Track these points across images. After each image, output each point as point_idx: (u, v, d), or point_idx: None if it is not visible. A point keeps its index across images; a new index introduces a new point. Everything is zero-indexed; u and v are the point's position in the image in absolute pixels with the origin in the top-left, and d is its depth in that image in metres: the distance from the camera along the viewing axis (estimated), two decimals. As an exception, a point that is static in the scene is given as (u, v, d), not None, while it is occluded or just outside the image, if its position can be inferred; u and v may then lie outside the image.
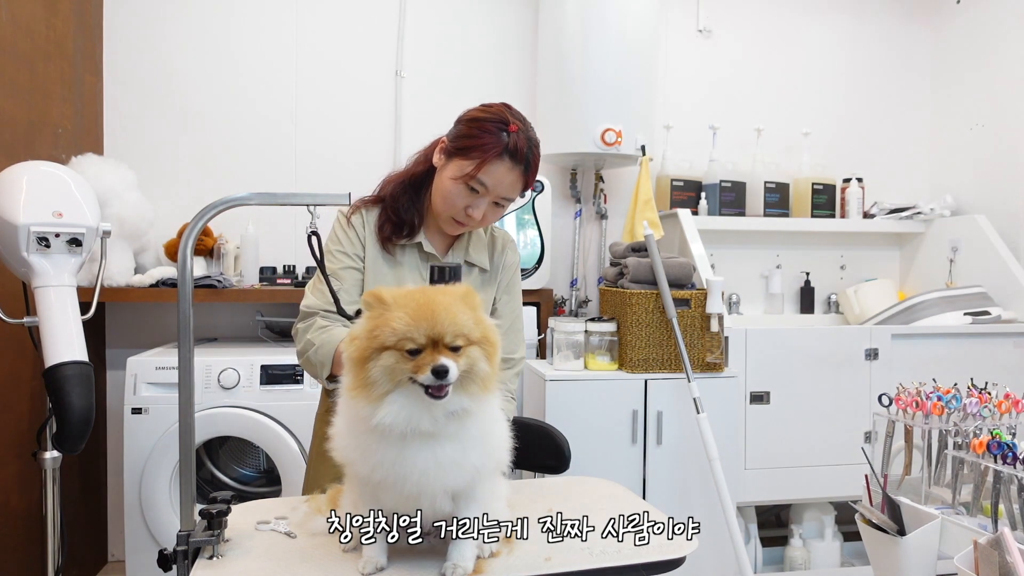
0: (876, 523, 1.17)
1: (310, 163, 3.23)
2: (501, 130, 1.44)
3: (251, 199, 1.21)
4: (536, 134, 1.52)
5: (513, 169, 1.45)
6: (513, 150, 1.43)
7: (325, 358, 1.42)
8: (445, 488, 1.05)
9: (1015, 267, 3.08)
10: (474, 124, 1.47)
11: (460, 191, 1.46)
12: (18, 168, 2.02)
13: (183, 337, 1.16)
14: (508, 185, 1.46)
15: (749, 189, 3.35)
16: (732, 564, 2.43)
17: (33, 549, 2.40)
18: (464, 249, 1.61)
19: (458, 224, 1.52)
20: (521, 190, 1.50)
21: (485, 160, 1.43)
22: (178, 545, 1.14)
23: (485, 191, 1.46)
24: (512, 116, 1.48)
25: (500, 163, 1.44)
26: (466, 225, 1.52)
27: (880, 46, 3.73)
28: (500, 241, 1.67)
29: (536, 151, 1.49)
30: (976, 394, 1.34)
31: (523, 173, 1.47)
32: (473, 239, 1.62)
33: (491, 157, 1.42)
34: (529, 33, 3.38)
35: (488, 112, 1.48)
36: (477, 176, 1.44)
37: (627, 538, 1.17)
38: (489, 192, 1.46)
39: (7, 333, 2.29)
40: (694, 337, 2.60)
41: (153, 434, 2.44)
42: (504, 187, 1.46)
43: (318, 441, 1.62)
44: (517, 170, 1.46)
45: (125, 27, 3.08)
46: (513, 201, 1.52)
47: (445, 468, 1.02)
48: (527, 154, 1.46)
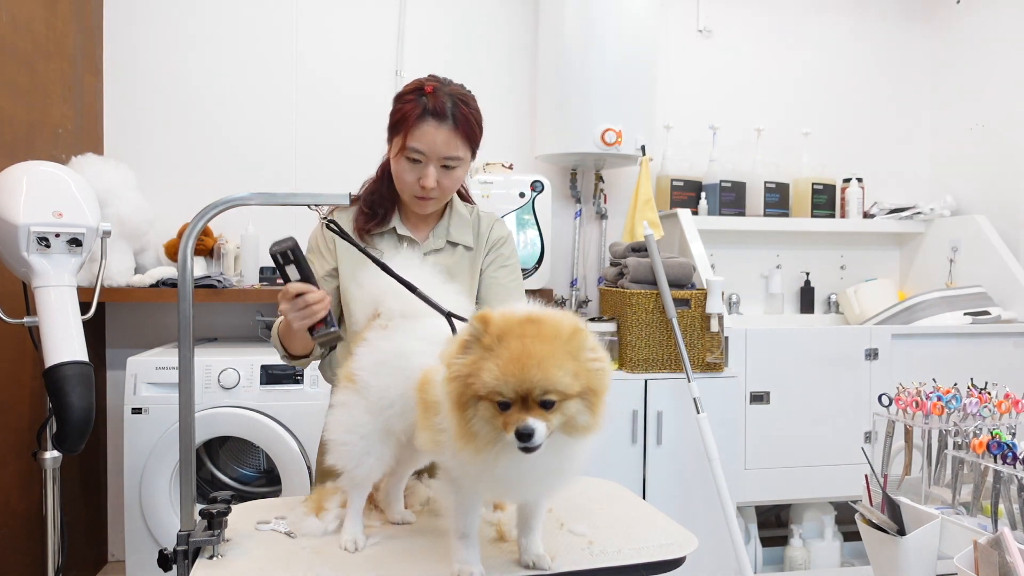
0: (876, 523, 1.17)
1: (310, 163, 3.23)
2: (419, 95, 1.46)
3: (251, 199, 1.21)
4: (468, 91, 1.54)
5: (440, 127, 1.45)
6: (433, 109, 1.44)
7: (275, 342, 1.54)
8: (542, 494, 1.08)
9: (1015, 267, 3.08)
10: (396, 100, 1.51)
11: (404, 166, 1.48)
12: (18, 168, 2.03)
13: (183, 337, 1.16)
14: (442, 143, 1.46)
15: (749, 189, 3.35)
16: (732, 564, 2.43)
17: (33, 549, 2.40)
18: (445, 228, 1.61)
19: (421, 200, 1.52)
20: (465, 147, 1.50)
21: (409, 127, 1.45)
22: (178, 545, 1.14)
23: (424, 157, 1.46)
24: (429, 80, 1.51)
25: (424, 124, 1.45)
26: (428, 198, 1.52)
27: (880, 46, 3.73)
28: (486, 221, 1.67)
29: (465, 105, 1.49)
30: (976, 394, 1.34)
31: (453, 129, 1.46)
32: (454, 219, 1.62)
33: (413, 122, 1.45)
34: (529, 33, 3.38)
35: (407, 86, 1.51)
36: (408, 145, 1.46)
37: (627, 538, 1.17)
38: (429, 157, 1.46)
39: (7, 333, 2.29)
40: (694, 337, 2.60)
41: (153, 434, 2.44)
42: (439, 146, 1.46)
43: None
44: (445, 126, 1.45)
45: (125, 27, 3.09)
46: (461, 161, 1.50)
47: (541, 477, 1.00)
48: (450, 109, 1.46)
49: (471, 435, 0.94)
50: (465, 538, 1.08)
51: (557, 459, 0.97)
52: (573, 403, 0.93)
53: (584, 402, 0.94)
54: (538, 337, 0.93)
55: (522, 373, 0.90)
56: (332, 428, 1.22)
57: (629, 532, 1.26)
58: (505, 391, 0.91)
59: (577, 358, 0.93)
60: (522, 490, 1.04)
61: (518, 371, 0.90)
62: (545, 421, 0.90)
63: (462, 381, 0.94)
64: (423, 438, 1.07)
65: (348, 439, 1.19)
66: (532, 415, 0.90)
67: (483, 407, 0.93)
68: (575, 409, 0.93)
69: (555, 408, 0.92)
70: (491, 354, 0.92)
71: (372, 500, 1.36)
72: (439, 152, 1.46)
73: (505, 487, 1.03)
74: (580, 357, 0.94)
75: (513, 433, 0.89)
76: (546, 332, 0.94)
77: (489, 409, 0.92)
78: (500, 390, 0.91)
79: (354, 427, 1.19)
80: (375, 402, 1.18)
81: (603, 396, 0.95)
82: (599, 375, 0.95)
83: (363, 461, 1.18)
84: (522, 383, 0.90)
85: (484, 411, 0.93)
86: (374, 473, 1.21)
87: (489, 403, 0.92)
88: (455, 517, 1.08)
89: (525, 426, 0.89)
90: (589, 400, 0.94)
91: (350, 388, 1.22)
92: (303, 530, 1.24)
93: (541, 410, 0.91)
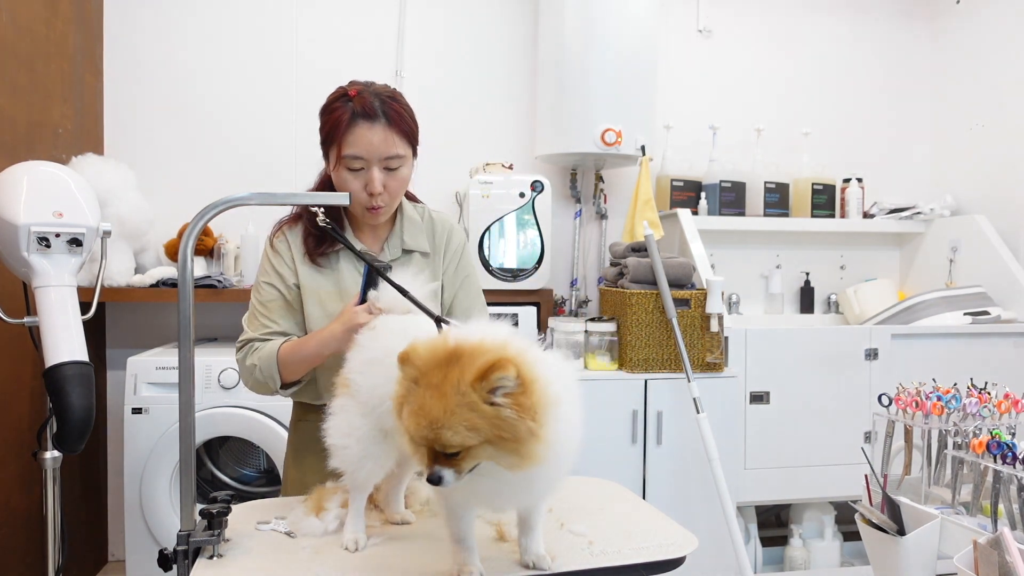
0: (876, 523, 1.17)
1: (310, 163, 3.19)
2: (345, 102, 1.44)
3: (251, 199, 1.21)
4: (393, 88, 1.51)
5: (373, 127, 1.42)
6: (362, 111, 1.42)
7: (271, 371, 1.45)
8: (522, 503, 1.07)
9: (1015, 267, 3.08)
10: (323, 112, 1.48)
11: (347, 176, 1.45)
12: (18, 168, 2.03)
13: (183, 337, 1.16)
14: (379, 143, 1.43)
15: (749, 189, 3.35)
16: (732, 564, 2.43)
17: (33, 549, 2.40)
18: (399, 237, 1.57)
19: (372, 210, 1.48)
20: (404, 144, 1.47)
21: (341, 134, 1.43)
22: (178, 545, 1.14)
23: (364, 162, 1.43)
24: (352, 84, 1.49)
25: (356, 128, 1.42)
26: (379, 207, 1.47)
27: (880, 46, 3.73)
28: (440, 225, 1.63)
29: (394, 101, 1.46)
30: (976, 394, 1.34)
31: (387, 126, 1.43)
32: (407, 225, 1.58)
33: (344, 128, 1.42)
34: (529, 33, 3.38)
35: (331, 95, 1.49)
36: (345, 153, 1.43)
37: (627, 538, 1.17)
38: (369, 160, 1.43)
39: (7, 333, 2.29)
40: (694, 337, 2.60)
41: (153, 434, 2.44)
42: (376, 147, 1.43)
43: (292, 449, 1.63)
44: (379, 125, 1.43)
45: (125, 27, 3.09)
46: (403, 159, 1.47)
47: (518, 490, 1.00)
48: (379, 107, 1.43)
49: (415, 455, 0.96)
50: (462, 542, 1.08)
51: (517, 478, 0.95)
52: (483, 449, 0.90)
53: (498, 448, 0.90)
54: (440, 387, 0.91)
55: (420, 431, 0.91)
56: (331, 433, 1.21)
57: (629, 532, 1.26)
58: (417, 439, 0.92)
59: (476, 409, 0.89)
60: (499, 503, 1.05)
61: (416, 428, 0.91)
62: (452, 468, 0.91)
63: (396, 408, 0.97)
64: (400, 441, 1.08)
65: (346, 443, 1.19)
66: (439, 464, 0.91)
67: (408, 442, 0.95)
68: (488, 454, 0.91)
69: (461, 457, 0.91)
70: (410, 395, 0.94)
71: (372, 500, 1.36)
72: (378, 153, 1.43)
73: (476, 500, 1.04)
74: (479, 409, 0.89)
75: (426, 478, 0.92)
76: (451, 379, 0.90)
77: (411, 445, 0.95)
78: (414, 436, 0.92)
79: (351, 431, 1.19)
80: (366, 402, 1.18)
81: (524, 440, 0.90)
82: (507, 424, 0.89)
83: (362, 464, 1.18)
84: (423, 438, 0.91)
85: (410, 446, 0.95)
86: (374, 475, 1.21)
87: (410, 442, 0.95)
88: (448, 522, 1.09)
89: (432, 474, 0.91)
90: (505, 446, 0.90)
91: (344, 393, 1.22)
92: (303, 530, 1.24)
93: (447, 460, 0.91)
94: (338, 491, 1.33)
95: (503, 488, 0.99)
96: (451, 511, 1.08)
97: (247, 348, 1.51)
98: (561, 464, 1.00)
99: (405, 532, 1.28)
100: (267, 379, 1.46)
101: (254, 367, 1.47)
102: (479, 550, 1.10)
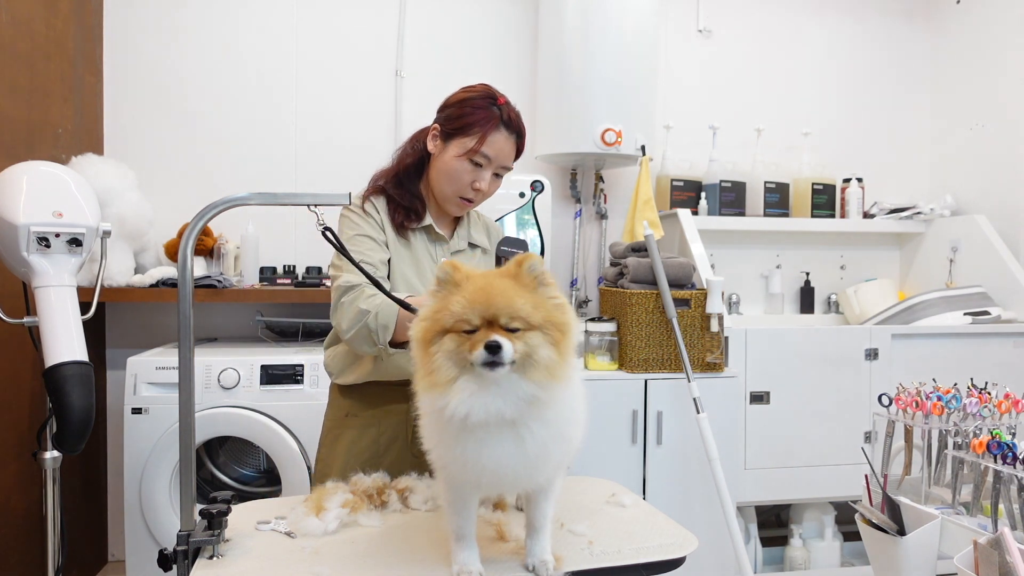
0: (876, 523, 1.17)
1: (310, 163, 3.23)
2: (492, 104, 1.55)
3: (251, 199, 1.21)
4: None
5: (509, 138, 1.56)
6: (508, 120, 1.55)
7: (388, 320, 1.38)
8: (527, 482, 1.06)
9: (1015, 267, 3.08)
10: (466, 104, 1.56)
11: (465, 167, 1.54)
12: (18, 168, 2.03)
13: (183, 337, 1.16)
14: (507, 154, 1.57)
15: (749, 189, 3.35)
16: (732, 564, 2.43)
17: (33, 549, 2.40)
18: (467, 230, 1.68)
19: (464, 202, 1.59)
20: (514, 158, 1.62)
21: (486, 132, 1.52)
22: (178, 545, 1.14)
23: (488, 163, 1.55)
24: (493, 90, 1.60)
25: (499, 133, 1.54)
26: (472, 201, 1.59)
27: (880, 46, 3.73)
28: (493, 227, 1.77)
29: (522, 121, 1.61)
30: (976, 394, 1.34)
31: (516, 141, 1.58)
32: (472, 221, 1.71)
33: (491, 129, 1.53)
34: (529, 33, 3.38)
35: (473, 91, 1.58)
36: (480, 150, 1.52)
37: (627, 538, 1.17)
38: (491, 163, 1.55)
39: (7, 333, 2.29)
40: (694, 337, 2.60)
41: (153, 434, 2.44)
42: (504, 156, 1.56)
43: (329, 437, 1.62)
44: (512, 138, 1.57)
45: (125, 27, 3.09)
46: (510, 170, 1.62)
47: (529, 460, 1.00)
48: (519, 123, 1.58)
49: (433, 371, 0.98)
50: (462, 539, 1.08)
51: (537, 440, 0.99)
52: (535, 334, 0.98)
53: (546, 336, 0.99)
54: (499, 274, 1.03)
55: (488, 299, 0.97)
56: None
57: (629, 532, 1.26)
58: (472, 317, 0.97)
59: (535, 292, 1.01)
60: (509, 479, 1.03)
61: (484, 298, 0.97)
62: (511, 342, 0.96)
63: (430, 319, 1.00)
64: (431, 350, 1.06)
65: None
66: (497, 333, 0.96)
67: (448, 339, 0.98)
68: (537, 341, 0.98)
69: (519, 335, 0.97)
70: (459, 289, 1.00)
71: (371, 498, 1.36)
72: (502, 160, 1.57)
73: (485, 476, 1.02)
74: (537, 292, 1.01)
75: (482, 348, 0.94)
76: (504, 272, 1.03)
77: (454, 340, 0.98)
78: (467, 317, 0.97)
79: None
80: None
81: (567, 333, 1.00)
82: (559, 309, 1.01)
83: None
84: (488, 308, 0.97)
85: (448, 343, 0.98)
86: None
87: (455, 334, 0.98)
88: (450, 517, 1.09)
89: (493, 340, 0.94)
90: (551, 335, 0.99)
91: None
92: (303, 530, 1.24)
93: (507, 332, 0.96)
94: (338, 491, 1.34)
95: (511, 460, 0.99)
96: (453, 504, 1.07)
97: (356, 291, 1.43)
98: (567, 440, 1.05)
99: (406, 532, 1.28)
100: (381, 328, 1.38)
101: (366, 312, 1.39)
102: (479, 550, 1.10)
